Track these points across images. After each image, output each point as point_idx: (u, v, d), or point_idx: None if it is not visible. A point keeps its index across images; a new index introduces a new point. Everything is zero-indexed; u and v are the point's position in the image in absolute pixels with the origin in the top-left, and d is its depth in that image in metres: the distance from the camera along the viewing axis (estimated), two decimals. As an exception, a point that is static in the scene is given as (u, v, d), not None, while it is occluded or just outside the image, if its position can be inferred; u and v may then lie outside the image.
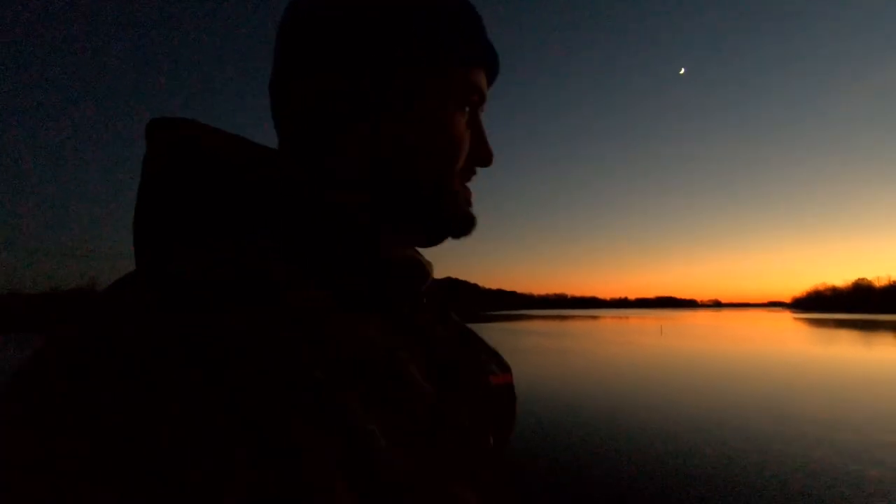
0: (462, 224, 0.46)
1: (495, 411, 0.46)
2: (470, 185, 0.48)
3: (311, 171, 0.42)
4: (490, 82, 0.48)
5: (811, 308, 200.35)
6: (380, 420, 0.32)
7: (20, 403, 0.25)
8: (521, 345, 24.33)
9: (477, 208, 0.48)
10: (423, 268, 0.45)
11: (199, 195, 0.38)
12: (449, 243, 0.49)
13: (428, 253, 0.50)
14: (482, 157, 0.47)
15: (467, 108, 0.45)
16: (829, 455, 7.55)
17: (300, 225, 0.39)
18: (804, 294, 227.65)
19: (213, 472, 0.24)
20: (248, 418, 0.27)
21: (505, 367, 0.52)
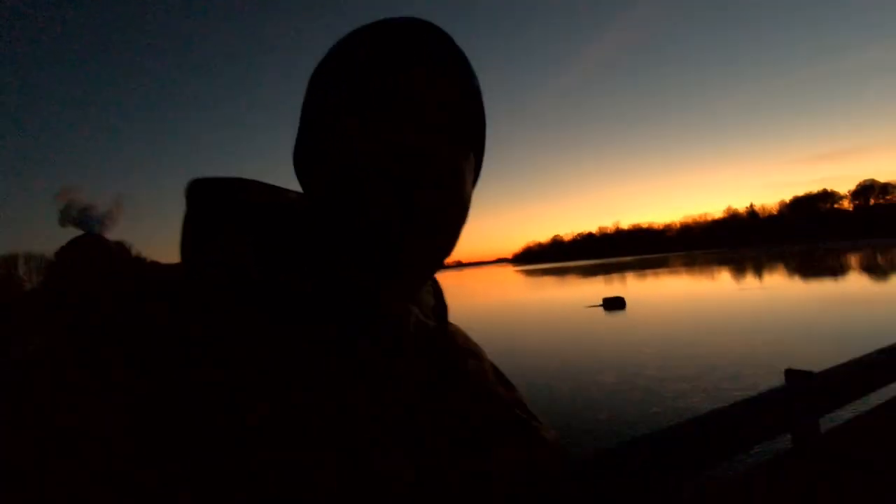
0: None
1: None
2: None
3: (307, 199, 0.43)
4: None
5: (526, 261, 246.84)
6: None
7: (18, 404, 0.28)
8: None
9: None
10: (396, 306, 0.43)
11: (214, 229, 0.42)
12: None
13: None
14: None
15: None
16: (526, 369, 10.24)
17: (287, 240, 0.42)
18: (520, 250, 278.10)
19: (212, 471, 0.29)
20: (248, 419, 0.30)
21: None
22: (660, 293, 28.15)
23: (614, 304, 21.13)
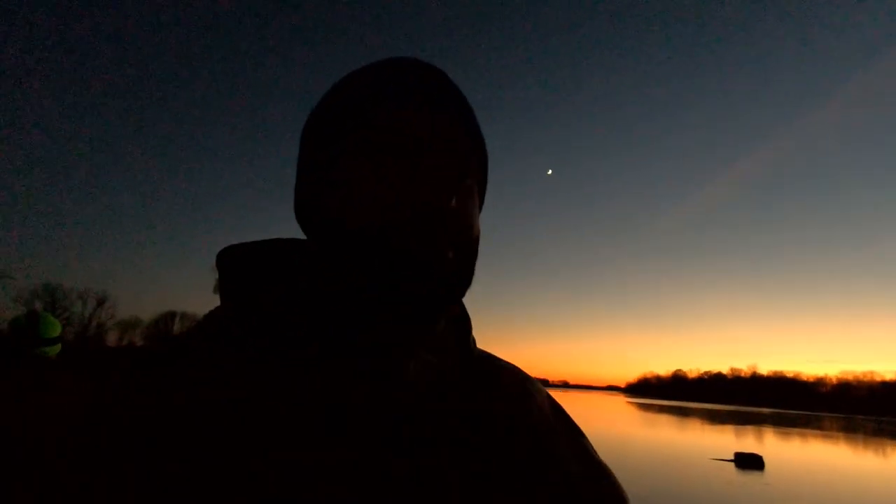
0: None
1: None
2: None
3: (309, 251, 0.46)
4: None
5: (640, 393, 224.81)
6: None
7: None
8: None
9: None
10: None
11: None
12: None
13: None
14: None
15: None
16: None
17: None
18: (635, 381, 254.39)
19: (213, 472, 0.33)
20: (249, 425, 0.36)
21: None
22: (809, 458, 23.46)
23: (749, 461, 17.85)
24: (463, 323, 0.51)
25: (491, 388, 0.47)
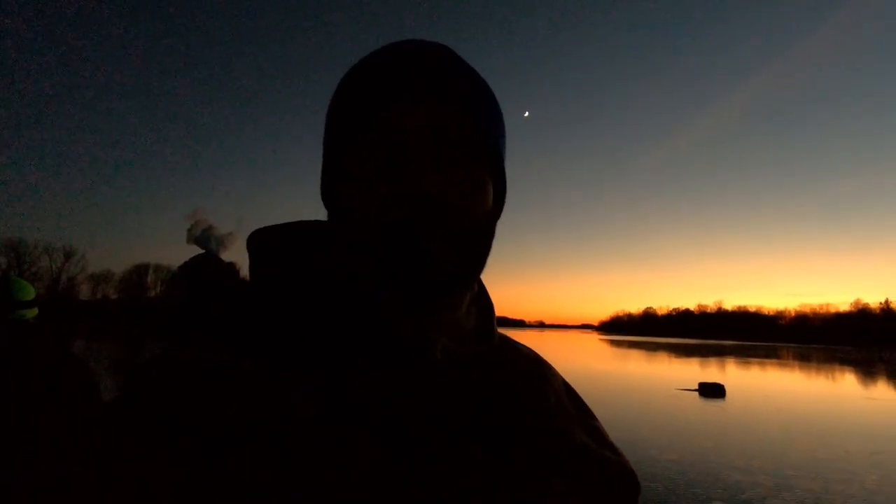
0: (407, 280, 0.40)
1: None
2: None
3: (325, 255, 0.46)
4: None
5: (612, 331, 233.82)
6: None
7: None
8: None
9: None
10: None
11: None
12: None
13: None
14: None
15: (376, 153, 0.41)
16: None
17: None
18: (608, 319, 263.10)
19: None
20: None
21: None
22: (766, 385, 25.09)
23: (712, 390, 18.99)
24: (485, 309, 0.50)
25: (508, 372, 0.47)
